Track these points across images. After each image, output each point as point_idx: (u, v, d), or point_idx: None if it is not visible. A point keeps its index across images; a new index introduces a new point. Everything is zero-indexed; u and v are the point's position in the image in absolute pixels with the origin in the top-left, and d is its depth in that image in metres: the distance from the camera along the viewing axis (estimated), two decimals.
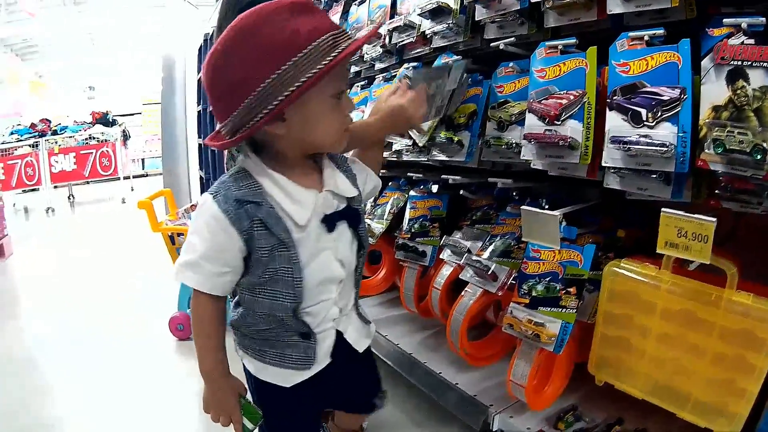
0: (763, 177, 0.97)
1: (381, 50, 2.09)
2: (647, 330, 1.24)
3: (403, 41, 1.92)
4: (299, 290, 1.06)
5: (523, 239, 1.40)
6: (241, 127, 0.97)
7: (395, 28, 1.91)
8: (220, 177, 1.08)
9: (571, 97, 1.26)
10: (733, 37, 1.01)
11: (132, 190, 8.98)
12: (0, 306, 3.69)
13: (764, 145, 0.94)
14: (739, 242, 1.35)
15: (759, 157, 0.94)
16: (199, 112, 4.82)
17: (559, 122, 1.26)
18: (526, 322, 1.33)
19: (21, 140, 8.51)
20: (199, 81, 4.90)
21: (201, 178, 4.85)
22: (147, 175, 10.99)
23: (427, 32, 1.77)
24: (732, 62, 1.00)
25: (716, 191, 1.06)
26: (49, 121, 9.07)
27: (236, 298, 1.18)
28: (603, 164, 1.19)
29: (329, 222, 1.09)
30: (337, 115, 1.04)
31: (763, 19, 0.99)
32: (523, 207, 1.32)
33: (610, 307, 1.30)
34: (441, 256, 1.80)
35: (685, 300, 1.17)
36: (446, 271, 1.76)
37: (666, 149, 1.06)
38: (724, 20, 1.02)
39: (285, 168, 1.05)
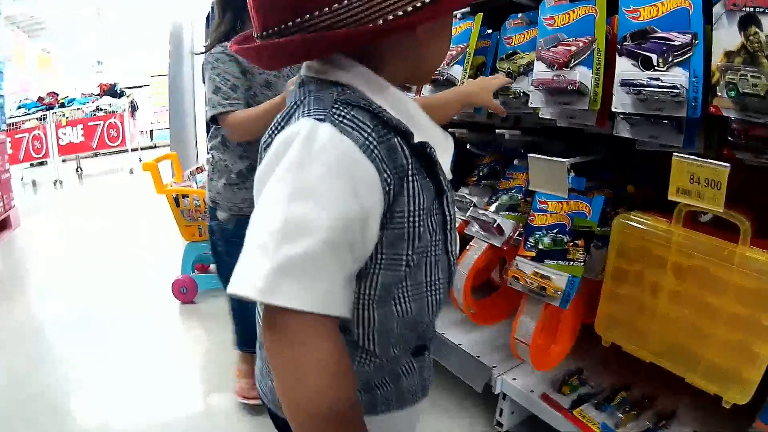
0: None
1: None
2: (658, 287, 1.20)
3: None
4: (453, 273, 0.69)
5: (530, 189, 1.36)
6: (357, 21, 0.55)
7: None
8: (305, 100, 0.61)
9: (581, 44, 1.22)
10: None
11: (140, 161, 8.95)
12: (8, 278, 3.71)
13: None
14: (752, 201, 1.30)
15: None
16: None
17: (569, 68, 1.23)
18: (532, 275, 1.30)
19: (29, 114, 8.50)
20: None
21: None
22: (155, 147, 10.92)
23: None
24: (744, 8, 0.97)
25: (729, 139, 1.02)
26: (57, 95, 9.05)
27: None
28: (613, 109, 1.15)
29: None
30: (450, 38, 0.73)
31: None
32: (530, 155, 1.29)
33: (619, 262, 1.26)
34: None
35: (697, 255, 1.13)
36: None
37: (677, 92, 1.02)
38: None
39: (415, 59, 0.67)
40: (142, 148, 9.47)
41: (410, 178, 0.58)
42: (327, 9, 0.55)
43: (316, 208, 0.52)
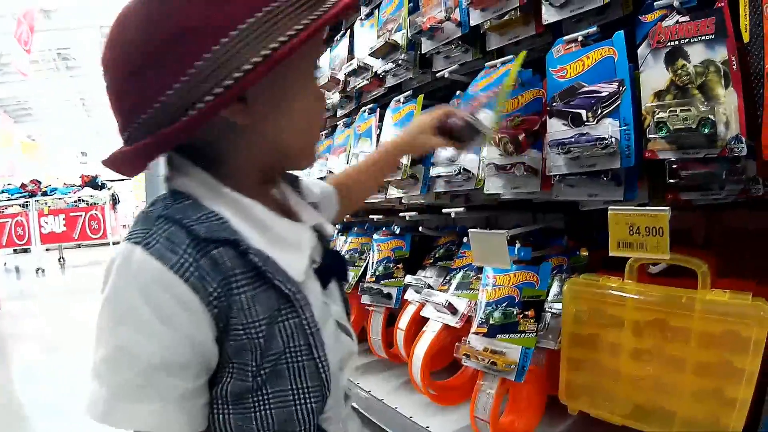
0: (719, 153, 0.90)
1: (340, 96, 2.11)
2: (618, 348, 1.16)
3: (360, 84, 1.94)
4: (328, 378, 0.64)
5: (474, 265, 1.37)
6: (171, 118, 0.55)
7: (351, 72, 1.94)
8: (138, 216, 0.62)
9: (491, 94, 1.23)
10: (666, 19, 0.99)
11: None
12: None
13: (711, 117, 0.88)
14: (717, 244, 1.30)
15: (708, 129, 0.89)
16: None
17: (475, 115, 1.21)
18: (483, 350, 1.27)
19: (11, 199, 8.60)
20: None
21: None
22: None
23: (380, 72, 1.80)
24: (669, 44, 0.98)
25: (671, 181, 0.99)
26: (40, 182, 9.18)
27: None
28: (547, 173, 1.16)
29: (323, 275, 0.71)
30: (317, 102, 0.69)
31: None
32: (470, 230, 1.29)
33: (574, 327, 1.23)
34: (405, 297, 1.76)
35: (654, 309, 1.09)
36: (410, 311, 1.72)
37: (606, 142, 1.01)
38: (656, 3, 1.00)
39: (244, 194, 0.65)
40: None
41: (238, 289, 0.57)
42: (151, 110, 0.55)
43: (136, 336, 0.54)
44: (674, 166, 0.97)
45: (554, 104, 1.14)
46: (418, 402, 1.79)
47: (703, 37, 0.93)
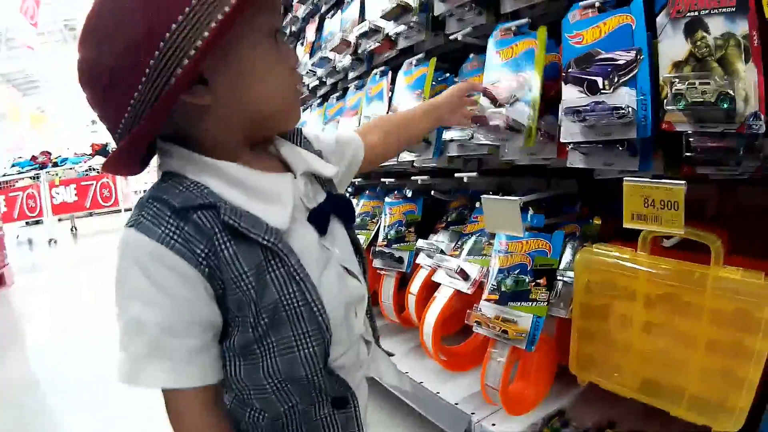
0: (737, 129, 0.87)
1: (351, 58, 2.07)
2: (629, 320, 1.15)
3: (370, 47, 1.90)
4: (326, 321, 0.67)
5: (487, 231, 1.35)
6: (141, 116, 0.60)
7: (362, 34, 1.90)
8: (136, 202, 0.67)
9: (521, 79, 1.22)
10: None
11: None
12: (1, 335, 3.73)
13: (730, 92, 0.85)
14: (729, 219, 1.26)
15: (726, 105, 0.85)
16: None
17: (510, 105, 1.22)
18: (494, 318, 1.26)
19: (22, 173, 8.63)
20: None
21: None
22: None
23: (391, 34, 1.75)
24: (688, 14, 0.94)
25: (687, 155, 0.95)
26: (50, 154, 9.20)
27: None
28: (561, 140, 1.13)
29: (318, 220, 0.73)
30: (280, 64, 0.70)
31: None
32: (483, 196, 1.27)
33: (586, 298, 1.21)
34: (416, 261, 1.75)
35: (667, 282, 1.07)
36: (421, 275, 1.71)
37: (623, 112, 0.98)
38: None
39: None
40: None
41: (222, 246, 0.62)
42: (126, 113, 0.61)
43: (141, 307, 0.61)
44: (690, 140, 0.94)
45: (570, 71, 1.11)
46: (429, 368, 1.80)
47: (723, 9, 0.88)
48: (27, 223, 8.87)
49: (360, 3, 2.05)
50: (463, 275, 1.44)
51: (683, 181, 0.94)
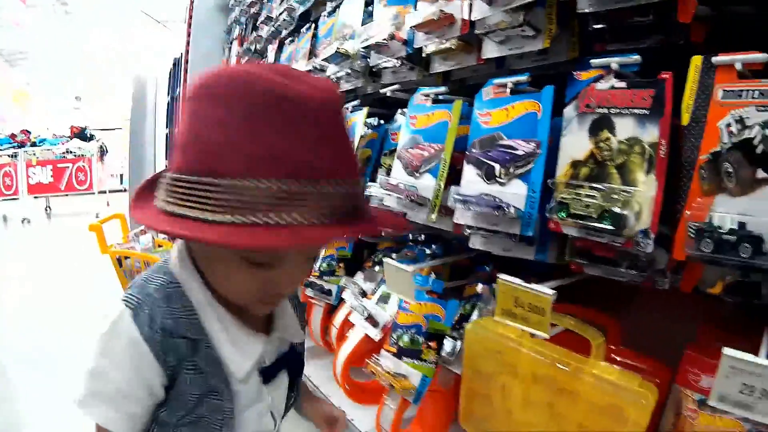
0: (623, 244, 0.82)
1: None
2: (511, 392, 1.16)
3: None
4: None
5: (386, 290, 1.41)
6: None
7: (309, 71, 1.95)
8: (142, 275, 0.80)
9: (432, 150, 1.23)
10: (601, 81, 0.89)
11: (108, 205, 8.98)
12: None
13: (616, 210, 0.80)
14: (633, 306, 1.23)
15: (608, 224, 0.81)
16: (167, 134, 4.85)
17: (419, 174, 1.24)
18: (385, 372, 1.33)
19: (1, 150, 8.58)
20: (169, 102, 4.93)
21: None
22: (125, 191, 11.02)
23: (332, 77, 1.81)
24: (598, 110, 0.88)
25: (576, 256, 0.95)
26: (29, 133, 9.13)
27: None
28: (455, 221, 1.14)
29: (269, 373, 0.86)
30: (250, 279, 0.73)
31: (639, 56, 0.85)
32: (385, 259, 1.33)
33: (473, 363, 1.25)
34: (342, 296, 1.81)
35: (546, 366, 1.07)
36: (343, 311, 1.78)
37: (504, 211, 0.98)
38: (593, 61, 0.90)
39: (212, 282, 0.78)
40: (111, 191, 9.47)
41: (184, 374, 0.75)
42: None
43: (113, 369, 0.75)
44: (576, 244, 0.93)
45: (473, 150, 1.10)
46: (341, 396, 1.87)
47: (635, 110, 0.83)
48: (3, 199, 8.83)
49: (311, 37, 2.10)
50: (372, 322, 1.51)
51: (552, 291, 0.93)
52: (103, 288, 4.18)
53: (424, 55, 1.40)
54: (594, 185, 0.85)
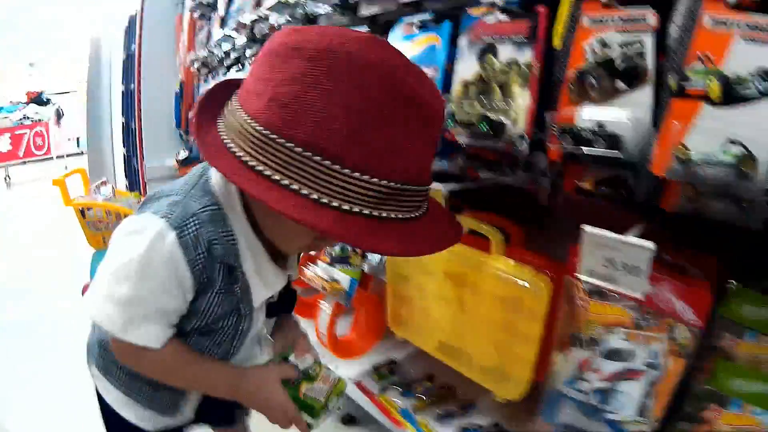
0: (505, 148, 0.97)
1: (246, 39, 2.27)
2: (426, 291, 1.31)
3: (264, 31, 2.10)
4: (227, 353, 0.92)
5: None
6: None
7: (255, 20, 2.09)
8: (176, 186, 0.81)
9: None
10: (489, 15, 1.03)
11: (66, 168, 8.87)
12: None
13: (491, 116, 0.96)
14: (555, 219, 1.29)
15: (484, 128, 0.97)
16: (122, 92, 4.85)
17: None
18: (318, 277, 1.52)
19: None
20: (124, 60, 4.90)
21: (124, 155, 4.92)
22: (83, 153, 10.82)
23: (275, 24, 1.95)
24: (484, 39, 1.02)
25: (470, 160, 1.10)
26: None
27: None
28: None
29: (270, 310, 0.98)
30: (306, 239, 0.80)
31: None
32: None
33: (394, 268, 1.41)
34: None
35: (455, 263, 1.21)
36: None
37: None
38: None
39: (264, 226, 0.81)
40: (69, 155, 9.35)
41: (215, 293, 0.81)
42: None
43: (154, 291, 0.77)
44: (464, 148, 1.07)
45: None
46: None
47: (514, 38, 0.98)
48: None
49: None
50: None
51: (441, 185, 1.11)
52: (68, 254, 4.28)
53: (351, 1, 1.54)
54: (473, 98, 1.01)
